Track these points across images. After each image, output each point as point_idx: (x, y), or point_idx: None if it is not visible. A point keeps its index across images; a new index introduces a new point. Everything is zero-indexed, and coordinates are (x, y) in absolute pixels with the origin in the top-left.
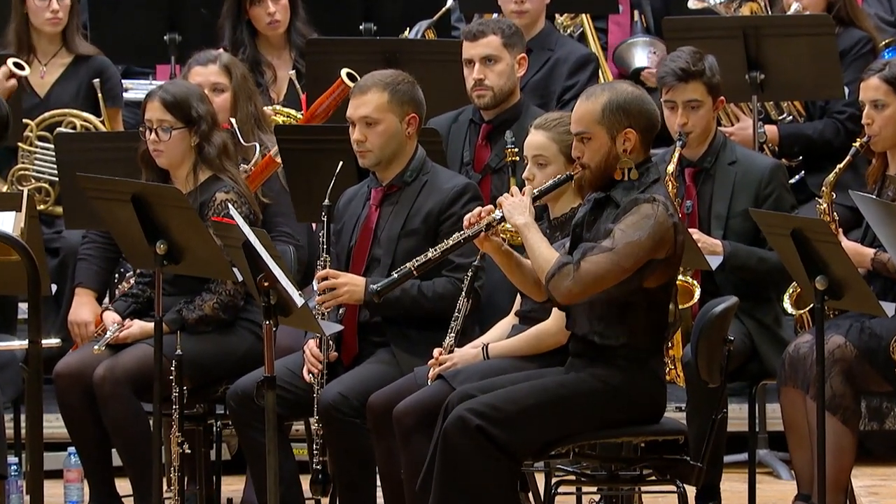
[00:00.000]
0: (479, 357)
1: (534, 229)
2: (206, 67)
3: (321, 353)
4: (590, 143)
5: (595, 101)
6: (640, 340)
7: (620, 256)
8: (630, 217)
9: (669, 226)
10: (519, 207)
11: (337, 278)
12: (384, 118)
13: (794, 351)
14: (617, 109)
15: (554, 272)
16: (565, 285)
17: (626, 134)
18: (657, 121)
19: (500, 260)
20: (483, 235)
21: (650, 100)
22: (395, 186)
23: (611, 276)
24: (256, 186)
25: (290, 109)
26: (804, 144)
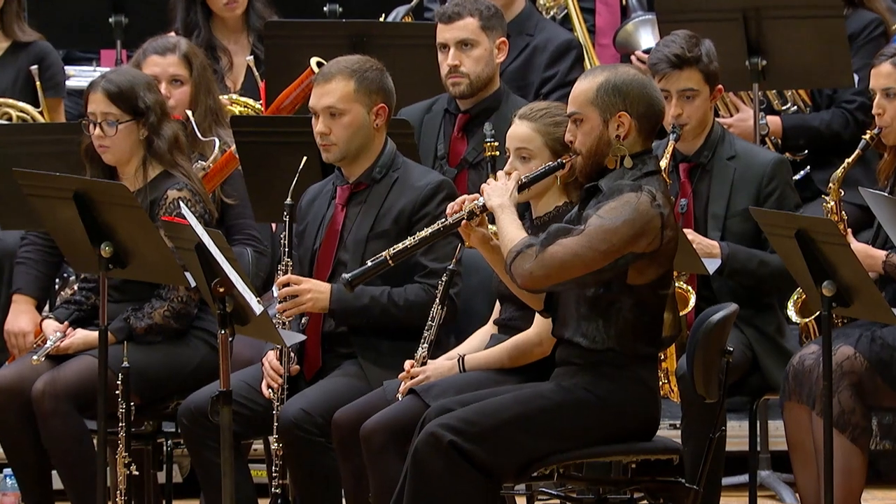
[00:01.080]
0: (455, 370)
1: (508, 211)
2: (164, 57)
3: (282, 365)
4: (582, 126)
5: (592, 80)
6: (628, 345)
7: (592, 241)
8: (610, 203)
9: (653, 216)
10: (499, 190)
11: (299, 284)
12: (350, 108)
13: (799, 363)
14: (612, 90)
15: (518, 252)
16: (526, 268)
17: (619, 117)
18: (659, 109)
19: (488, 254)
20: (465, 224)
21: (654, 86)
22: (363, 184)
23: (579, 262)
24: (215, 185)
25: (247, 99)
26: (810, 137)
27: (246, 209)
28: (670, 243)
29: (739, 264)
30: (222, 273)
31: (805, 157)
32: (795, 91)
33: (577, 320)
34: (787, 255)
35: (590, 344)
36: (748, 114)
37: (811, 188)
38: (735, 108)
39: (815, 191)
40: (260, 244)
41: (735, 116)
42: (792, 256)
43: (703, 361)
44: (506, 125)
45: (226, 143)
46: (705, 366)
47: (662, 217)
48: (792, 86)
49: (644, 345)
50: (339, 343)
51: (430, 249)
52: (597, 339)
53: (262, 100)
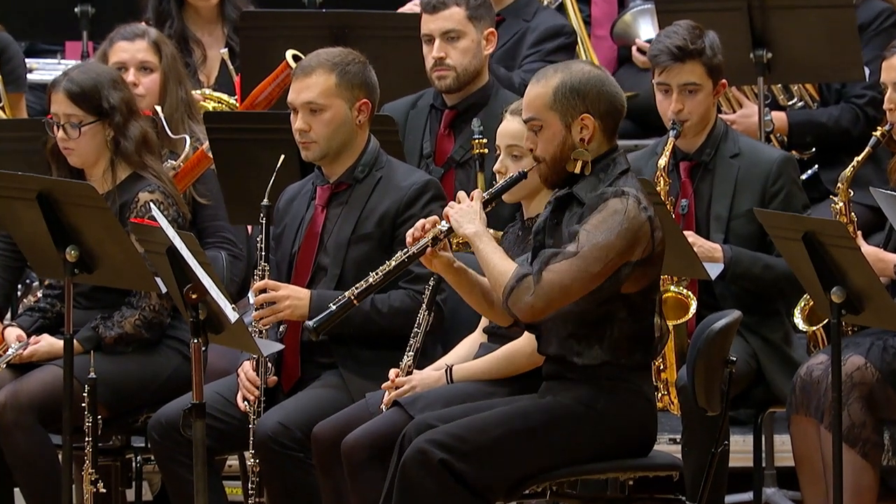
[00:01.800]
0: (442, 381)
1: (486, 239)
2: (132, 43)
3: (258, 376)
4: (542, 133)
5: (546, 83)
6: (624, 356)
7: (588, 262)
8: (597, 215)
9: (643, 221)
10: (468, 215)
11: (277, 290)
12: (331, 104)
13: (807, 374)
14: (571, 92)
15: (513, 286)
16: (526, 301)
17: (582, 120)
18: (620, 105)
19: (453, 279)
20: (430, 251)
21: (612, 81)
22: (345, 184)
23: (578, 286)
24: (187, 185)
25: (221, 94)
26: (818, 134)
27: (220, 210)
28: (660, 245)
29: (743, 269)
30: (195, 278)
31: (812, 155)
32: (802, 85)
33: (563, 338)
34: (794, 260)
35: (584, 361)
36: (752, 109)
37: (819, 188)
38: (738, 103)
39: (823, 191)
40: (235, 248)
41: (738, 112)
42: (799, 261)
43: (705, 372)
44: (495, 121)
45: (198, 140)
46: (707, 376)
47: (651, 220)
48: (799, 80)
49: (639, 353)
50: (318, 352)
51: None
52: (589, 356)
53: (237, 95)
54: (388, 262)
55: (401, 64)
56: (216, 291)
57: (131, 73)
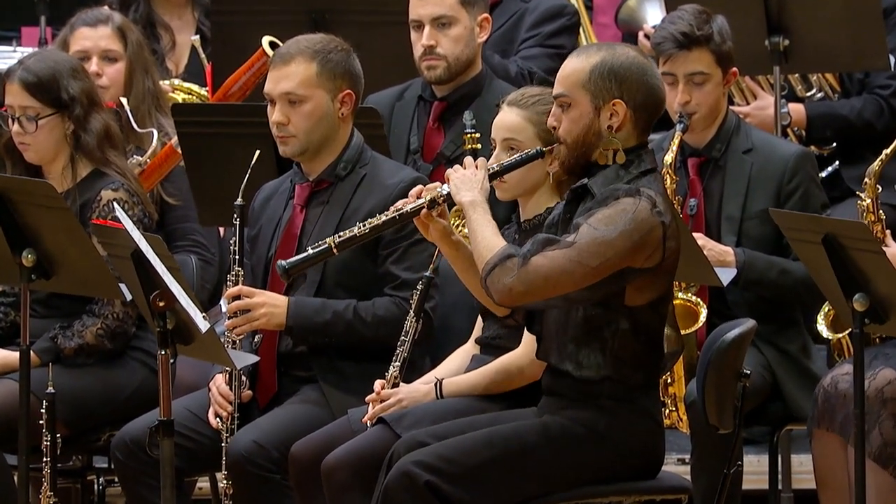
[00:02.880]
0: (431, 395)
1: (480, 209)
2: (94, 30)
3: (231, 391)
4: (569, 111)
5: (585, 59)
6: (627, 373)
7: (582, 255)
8: (604, 210)
9: (654, 226)
10: (468, 182)
11: (252, 297)
12: (312, 95)
13: (831, 385)
14: (608, 73)
15: (495, 263)
16: (505, 282)
17: (613, 106)
18: (659, 100)
19: (449, 252)
20: (425, 214)
21: (657, 74)
22: (326, 181)
23: (566, 279)
24: (154, 183)
25: (192, 84)
26: (838, 127)
27: (190, 211)
28: (673, 256)
29: (757, 274)
30: (163, 285)
31: (833, 150)
32: (822, 75)
33: (565, 344)
34: (813, 264)
35: (581, 372)
36: (768, 101)
37: (840, 187)
38: (752, 94)
39: (844, 189)
40: (206, 251)
41: (752, 104)
42: (818, 265)
43: (716, 386)
44: (488, 113)
45: (166, 135)
46: (718, 391)
47: (664, 227)
48: (818, 69)
49: (645, 371)
50: (297, 365)
51: (402, 257)
52: (590, 367)
53: (209, 85)
54: (379, 216)
55: (387, 52)
56: (185, 299)
57: (94, 62)
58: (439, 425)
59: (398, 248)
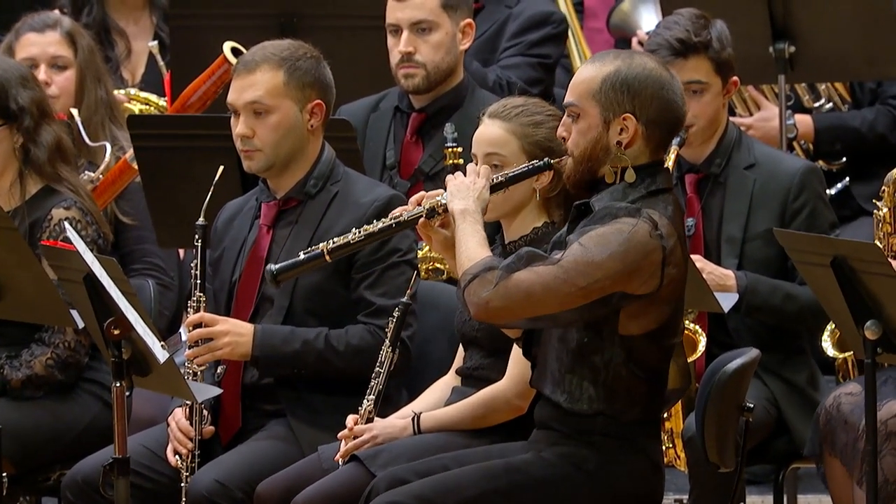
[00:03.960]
0: (408, 430)
1: (471, 219)
2: (42, 35)
3: (192, 426)
4: (578, 122)
5: (599, 67)
6: (622, 408)
7: (569, 273)
8: (598, 228)
9: (651, 249)
10: (465, 190)
11: (214, 325)
12: (278, 105)
13: (833, 405)
14: (620, 85)
15: (474, 275)
16: (482, 295)
17: (623, 120)
18: (677, 117)
19: (452, 264)
20: (423, 223)
21: (677, 88)
22: (294, 200)
23: (549, 298)
24: (108, 201)
25: (149, 94)
26: (849, 141)
27: (147, 231)
28: (673, 284)
29: (761, 299)
30: (118, 311)
31: (843, 166)
32: (831, 84)
33: (558, 373)
34: (821, 289)
35: (573, 405)
36: (772, 112)
37: (850, 205)
38: (756, 105)
39: (855, 208)
40: (165, 275)
41: (756, 116)
42: (827, 290)
43: (717, 421)
44: (470, 126)
45: (121, 149)
46: (719, 426)
47: (664, 251)
48: (826, 77)
49: (642, 407)
50: (263, 398)
51: (377, 282)
52: (582, 400)
53: (167, 95)
54: (375, 223)
55: (361, 59)
56: (142, 326)
57: (42, 70)
58: (420, 461)
59: (373, 271)
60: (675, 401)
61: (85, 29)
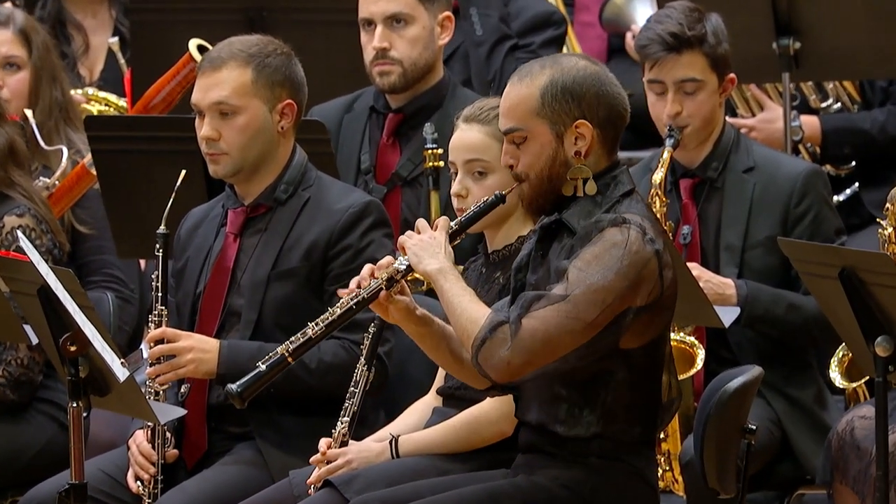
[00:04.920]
0: (386, 454)
1: (452, 278)
2: None
3: (154, 449)
4: (526, 146)
5: (531, 82)
6: (621, 429)
7: (580, 308)
8: (591, 248)
9: (648, 256)
10: (430, 248)
11: (178, 340)
12: (246, 106)
13: (846, 431)
14: (563, 93)
15: (485, 337)
16: (501, 356)
17: (577, 128)
18: (623, 109)
19: (415, 330)
20: (384, 295)
21: (612, 80)
22: (263, 206)
23: (568, 338)
24: (64, 208)
25: (108, 94)
26: (858, 143)
27: (105, 241)
28: (671, 287)
29: (762, 309)
30: (74, 326)
31: (851, 170)
32: (839, 83)
33: (549, 401)
34: (828, 302)
35: (569, 432)
36: (776, 113)
37: (860, 212)
38: (759, 105)
39: (864, 216)
40: (124, 287)
41: (758, 116)
42: (834, 303)
43: (717, 443)
44: (452, 127)
45: (77, 153)
46: (719, 449)
47: (659, 255)
48: (834, 76)
49: (641, 426)
50: (230, 419)
51: None
52: (578, 426)
53: (128, 95)
54: (332, 310)
55: (334, 56)
56: (101, 342)
57: None
58: (398, 487)
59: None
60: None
61: (39, 23)
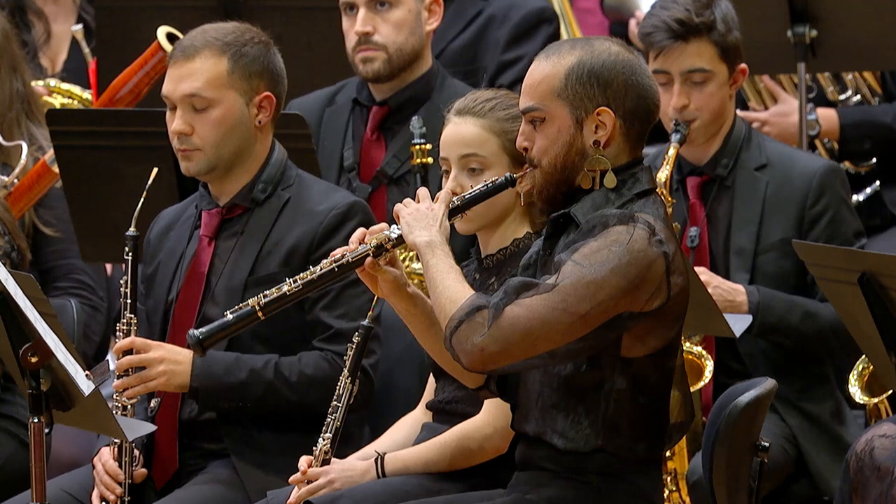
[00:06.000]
0: (371, 474)
1: (440, 252)
2: None
3: (121, 468)
4: (543, 128)
5: (558, 61)
6: (624, 444)
7: (568, 300)
8: (591, 242)
9: (653, 258)
10: (424, 219)
11: (148, 351)
12: (222, 98)
13: (865, 451)
14: (588, 76)
15: (461, 319)
16: (475, 342)
17: (598, 115)
18: (653, 104)
19: (404, 308)
20: (370, 262)
21: (646, 71)
22: (240, 207)
23: (551, 331)
24: (24, 208)
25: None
26: (879, 138)
27: (70, 244)
28: (680, 295)
29: (776, 317)
30: (36, 335)
31: (872, 167)
32: (858, 73)
33: (547, 411)
34: (847, 310)
35: (567, 444)
36: (791, 106)
37: (881, 212)
38: (772, 97)
39: (886, 216)
40: (91, 294)
41: (772, 110)
42: (853, 311)
43: (727, 461)
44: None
45: (39, 148)
46: (730, 468)
47: (667, 258)
48: (853, 66)
49: (645, 442)
50: (203, 436)
51: (335, 302)
52: (577, 438)
53: (93, 86)
54: (313, 269)
55: (315, 45)
56: (64, 353)
57: None
58: None
59: (330, 290)
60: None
61: None
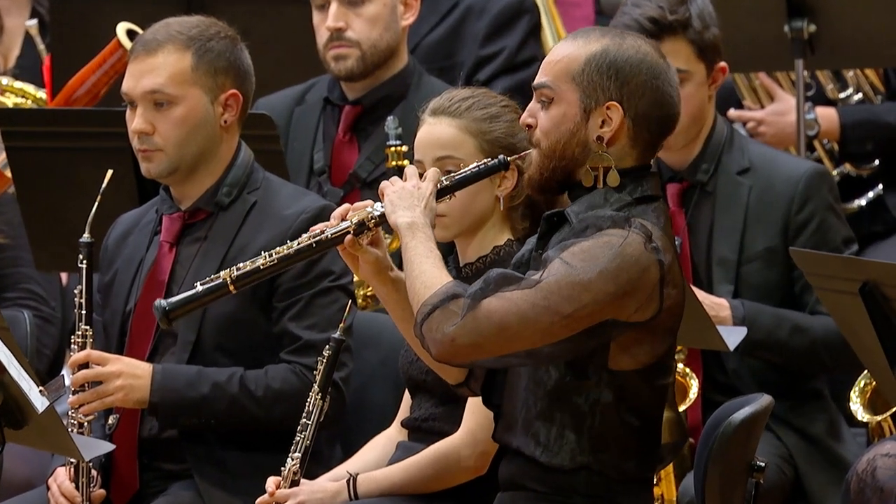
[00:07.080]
0: (343, 495)
1: (421, 234)
2: None
3: (78, 490)
4: (550, 109)
5: (583, 45)
6: (611, 462)
7: (550, 298)
8: (581, 242)
9: (647, 264)
10: (409, 198)
11: (105, 365)
12: (185, 95)
13: (867, 471)
14: (608, 68)
15: (435, 305)
16: (446, 331)
17: (607, 109)
18: (670, 116)
19: (386, 292)
20: (350, 241)
21: (673, 81)
22: (203, 212)
23: (528, 329)
24: None
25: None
26: (882, 139)
27: (21, 252)
28: (673, 309)
29: (763, 332)
30: None
31: (874, 170)
32: (859, 71)
33: (531, 422)
34: (847, 322)
35: (551, 459)
36: (788, 104)
37: (884, 218)
38: (769, 95)
39: (889, 222)
40: (44, 305)
41: (768, 109)
42: (854, 323)
43: (721, 483)
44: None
45: None
46: (724, 490)
47: (662, 267)
48: (854, 63)
49: (636, 462)
50: (164, 455)
51: (304, 312)
52: (562, 453)
53: (47, 85)
54: (290, 244)
55: (283, 41)
56: (16, 368)
57: None
58: None
59: (299, 299)
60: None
61: None
